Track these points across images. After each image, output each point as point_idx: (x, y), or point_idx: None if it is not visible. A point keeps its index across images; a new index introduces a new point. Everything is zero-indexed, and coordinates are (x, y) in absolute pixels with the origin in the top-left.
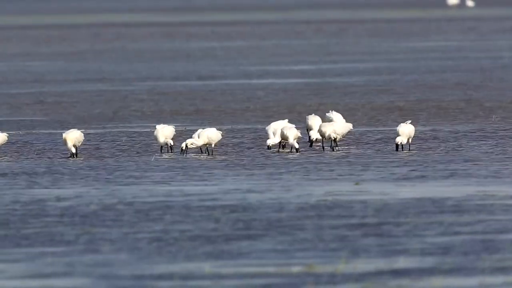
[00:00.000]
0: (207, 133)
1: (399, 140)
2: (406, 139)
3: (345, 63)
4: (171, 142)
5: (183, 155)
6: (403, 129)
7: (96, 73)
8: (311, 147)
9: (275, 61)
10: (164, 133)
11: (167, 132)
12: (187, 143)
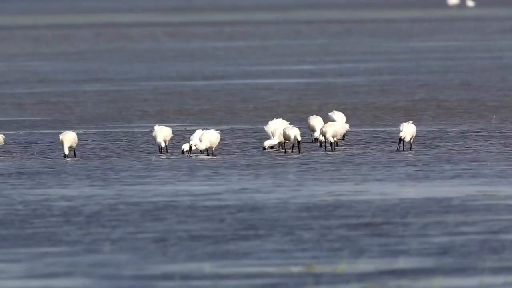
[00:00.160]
0: (209, 137)
1: (403, 135)
2: (409, 137)
3: (347, 63)
4: (162, 144)
5: (188, 155)
6: (407, 129)
7: (97, 73)
8: (321, 147)
9: (277, 61)
10: (162, 134)
11: (166, 132)
12: (191, 144)
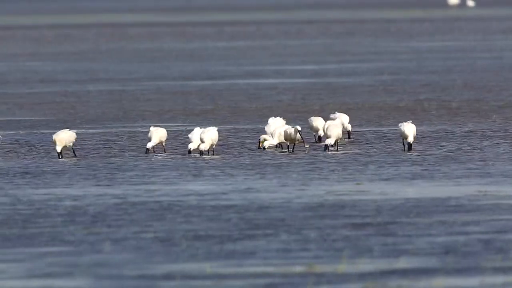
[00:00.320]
0: (210, 136)
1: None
2: (413, 138)
3: (350, 63)
4: (151, 145)
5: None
6: (409, 129)
7: (99, 73)
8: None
9: (278, 61)
10: (158, 135)
11: (161, 133)
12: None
